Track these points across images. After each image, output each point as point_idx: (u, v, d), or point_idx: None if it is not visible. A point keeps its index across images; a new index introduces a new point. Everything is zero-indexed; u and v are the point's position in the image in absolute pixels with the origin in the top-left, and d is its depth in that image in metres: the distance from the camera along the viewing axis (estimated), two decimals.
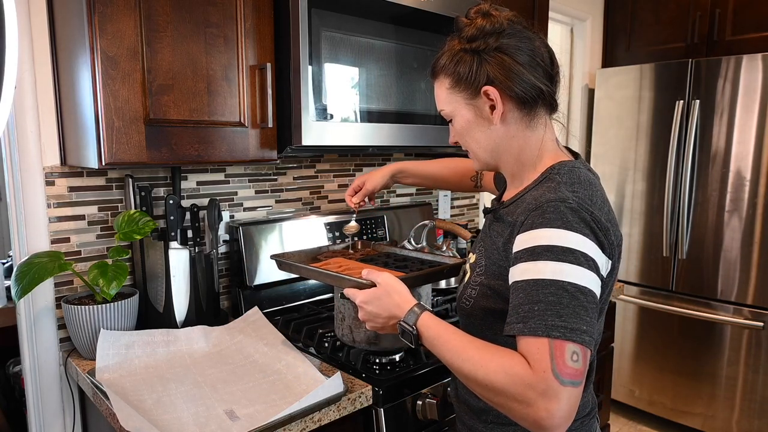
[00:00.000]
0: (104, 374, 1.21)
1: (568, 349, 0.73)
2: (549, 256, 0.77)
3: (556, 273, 0.76)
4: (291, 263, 1.29)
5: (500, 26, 0.88)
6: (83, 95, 1.19)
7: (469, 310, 0.94)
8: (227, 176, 1.68)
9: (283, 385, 1.20)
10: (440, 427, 1.30)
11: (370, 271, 1.03)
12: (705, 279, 2.61)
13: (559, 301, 0.75)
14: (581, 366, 0.74)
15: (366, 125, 1.48)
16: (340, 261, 1.34)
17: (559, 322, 0.74)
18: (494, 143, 0.93)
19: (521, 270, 0.80)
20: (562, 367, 0.73)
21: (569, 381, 0.73)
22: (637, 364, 2.89)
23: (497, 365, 0.77)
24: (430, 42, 1.59)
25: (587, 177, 0.89)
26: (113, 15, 1.13)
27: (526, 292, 0.78)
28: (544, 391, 0.72)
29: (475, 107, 0.91)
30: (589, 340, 0.75)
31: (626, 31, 3.03)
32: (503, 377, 0.76)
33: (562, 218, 0.79)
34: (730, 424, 2.57)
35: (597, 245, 0.80)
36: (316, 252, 1.43)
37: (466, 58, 0.89)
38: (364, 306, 0.99)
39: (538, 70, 0.88)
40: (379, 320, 0.98)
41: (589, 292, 0.77)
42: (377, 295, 0.98)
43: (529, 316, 0.76)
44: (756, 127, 2.40)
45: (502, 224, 0.92)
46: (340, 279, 1.13)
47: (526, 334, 0.76)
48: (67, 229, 1.40)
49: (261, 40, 1.35)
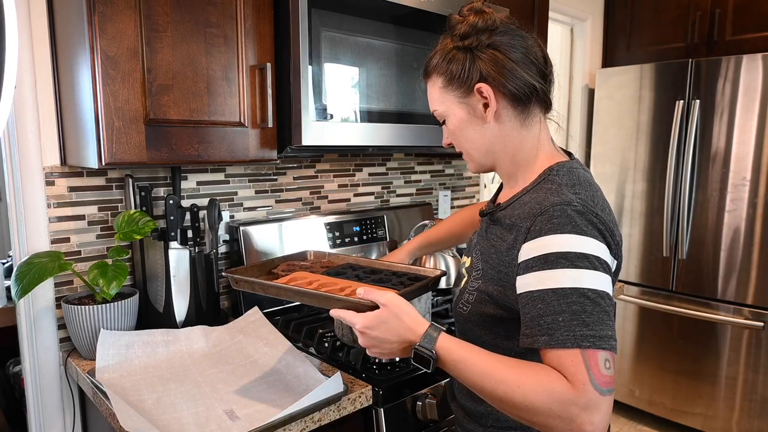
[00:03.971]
0: (104, 374, 1.21)
1: (601, 357, 0.72)
2: (565, 264, 0.76)
3: (575, 281, 0.75)
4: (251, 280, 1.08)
5: (493, 23, 0.87)
6: (83, 95, 1.19)
7: (467, 316, 0.93)
8: (227, 176, 1.68)
9: (283, 385, 1.20)
10: (440, 427, 1.30)
11: (368, 290, 0.90)
12: (705, 279, 2.61)
13: (583, 310, 0.74)
14: (613, 372, 0.73)
15: (366, 125, 1.48)
16: (306, 275, 1.14)
17: (587, 332, 0.73)
18: (488, 142, 0.91)
19: (536, 279, 0.77)
20: (599, 377, 0.71)
21: (607, 390, 0.72)
22: (637, 364, 2.89)
23: (535, 384, 0.73)
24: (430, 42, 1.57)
25: (586, 177, 0.88)
26: (113, 15, 1.13)
27: (545, 303, 0.76)
28: (587, 404, 0.71)
29: (468, 106, 0.90)
30: (615, 344, 0.75)
31: (626, 31, 3.03)
32: (544, 396, 0.72)
33: (571, 222, 0.78)
34: (730, 424, 2.57)
35: (605, 246, 0.79)
36: (270, 265, 1.23)
37: (459, 56, 0.88)
38: (367, 332, 0.86)
39: (532, 67, 0.88)
40: (387, 346, 0.86)
41: (606, 295, 0.76)
42: (383, 319, 0.85)
43: (554, 327, 0.74)
44: (756, 127, 2.40)
45: (501, 227, 0.90)
46: (330, 300, 0.96)
47: (554, 346, 0.74)
48: (67, 229, 1.40)
49: (261, 40, 1.35)
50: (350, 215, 1.89)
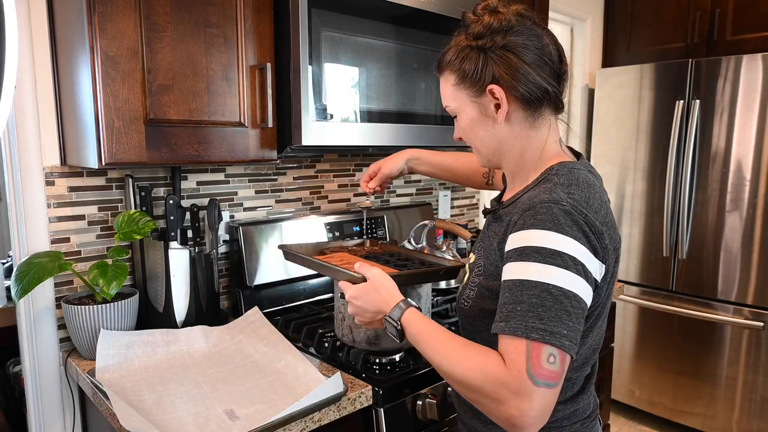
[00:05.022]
0: (104, 374, 1.21)
1: (545, 351, 0.74)
2: (536, 258, 0.77)
3: (541, 275, 0.76)
4: (295, 254, 1.31)
5: (508, 23, 0.86)
6: (83, 95, 1.19)
7: (468, 311, 0.94)
8: (227, 176, 1.68)
9: (283, 385, 1.20)
10: (440, 427, 1.30)
11: (362, 264, 1.03)
12: (705, 279, 2.61)
13: (541, 304, 0.76)
14: (558, 368, 0.75)
15: (366, 125, 1.48)
16: (343, 256, 1.34)
17: (539, 324, 0.75)
18: (497, 142, 0.92)
19: (509, 269, 0.80)
20: (537, 368, 0.74)
21: (543, 382, 0.74)
22: (637, 364, 2.89)
23: (473, 363, 0.79)
24: (431, 42, 1.59)
25: (586, 178, 0.88)
26: (113, 15, 1.13)
27: (511, 292, 0.79)
28: (517, 390, 0.74)
29: (479, 105, 0.90)
30: (569, 344, 0.75)
31: (626, 31, 3.03)
32: (478, 375, 0.78)
33: (554, 220, 0.79)
34: (730, 424, 2.57)
35: (589, 249, 0.79)
36: (324, 246, 1.44)
37: (472, 56, 0.88)
38: (353, 301, 1.00)
39: (546, 69, 0.87)
40: (366, 315, 0.99)
41: (574, 296, 0.77)
42: (366, 290, 0.98)
43: (511, 315, 0.77)
44: (756, 127, 2.40)
45: (499, 224, 0.92)
46: (334, 270, 1.14)
47: (506, 333, 0.77)
48: (67, 229, 1.40)
49: (261, 40, 1.35)
50: (350, 215, 1.88)
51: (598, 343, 0.94)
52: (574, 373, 0.92)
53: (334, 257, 1.33)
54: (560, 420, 0.91)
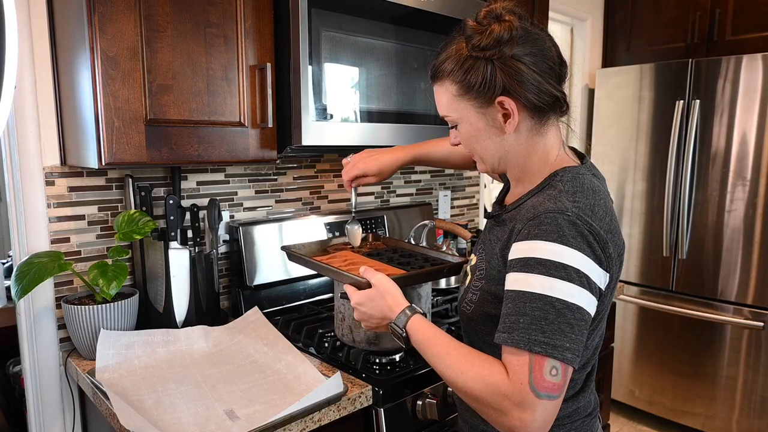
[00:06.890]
0: (104, 374, 1.20)
1: (548, 364, 0.75)
2: (541, 270, 0.77)
3: (545, 288, 0.76)
4: (300, 256, 1.31)
5: (516, 32, 0.83)
6: (83, 95, 1.19)
7: (470, 315, 0.94)
8: (227, 176, 1.68)
9: (283, 385, 1.20)
10: (440, 426, 1.30)
11: (366, 269, 1.03)
12: (705, 279, 2.61)
13: (544, 317, 0.76)
14: (560, 380, 0.75)
15: (366, 125, 1.48)
16: (346, 255, 1.34)
17: (542, 338, 0.75)
18: (504, 151, 0.90)
19: (512, 279, 0.80)
20: (539, 380, 0.74)
21: (546, 394, 0.74)
22: (637, 364, 2.89)
23: (476, 373, 0.80)
24: (431, 42, 1.59)
25: (591, 184, 0.87)
26: (113, 15, 1.13)
27: (514, 303, 0.79)
28: (520, 402, 0.75)
29: (486, 116, 0.88)
30: (571, 357, 0.76)
31: (626, 31, 3.03)
32: (481, 385, 0.79)
33: (559, 231, 0.78)
34: (730, 424, 2.57)
35: (594, 260, 0.79)
36: (327, 243, 1.44)
37: (479, 66, 0.84)
38: (358, 307, 1.01)
39: (552, 75, 0.86)
40: (372, 321, 1.00)
41: (577, 309, 0.76)
42: (370, 297, 0.98)
43: (514, 327, 0.77)
44: (756, 127, 2.40)
45: (502, 228, 0.91)
46: (339, 274, 1.15)
47: (509, 344, 0.77)
48: (67, 229, 1.40)
49: (261, 40, 1.35)
50: (350, 215, 1.88)
51: (599, 344, 0.94)
52: (576, 374, 0.92)
53: (338, 257, 1.32)
54: (562, 418, 0.91)
